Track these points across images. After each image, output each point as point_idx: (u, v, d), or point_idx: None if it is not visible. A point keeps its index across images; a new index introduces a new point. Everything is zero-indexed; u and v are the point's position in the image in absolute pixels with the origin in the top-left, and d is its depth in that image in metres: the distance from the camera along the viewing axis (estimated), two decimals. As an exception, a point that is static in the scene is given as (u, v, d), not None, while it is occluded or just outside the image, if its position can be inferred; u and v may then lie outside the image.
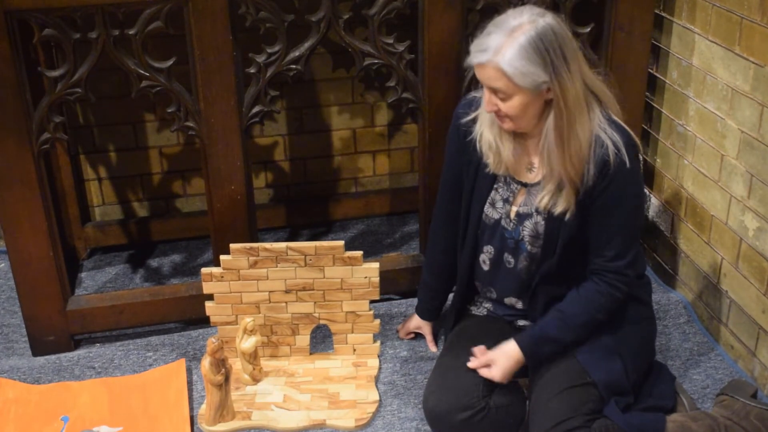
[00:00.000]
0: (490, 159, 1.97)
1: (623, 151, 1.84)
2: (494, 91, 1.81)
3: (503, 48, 1.75)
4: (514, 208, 1.98)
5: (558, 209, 1.90)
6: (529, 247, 1.98)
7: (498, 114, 1.86)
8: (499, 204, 2.01)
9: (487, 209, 2.02)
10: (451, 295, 2.34)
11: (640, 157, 1.92)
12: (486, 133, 1.96)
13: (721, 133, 2.31)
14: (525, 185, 1.97)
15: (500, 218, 2.01)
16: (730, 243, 2.32)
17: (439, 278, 2.28)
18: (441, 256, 2.23)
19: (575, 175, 1.84)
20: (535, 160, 1.95)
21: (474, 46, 1.81)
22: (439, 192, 2.18)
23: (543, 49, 1.75)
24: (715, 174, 2.36)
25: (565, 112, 1.80)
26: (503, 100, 1.81)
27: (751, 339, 2.26)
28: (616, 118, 1.90)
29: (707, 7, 2.31)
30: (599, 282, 1.94)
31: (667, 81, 2.56)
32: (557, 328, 1.96)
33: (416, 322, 2.41)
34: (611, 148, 1.83)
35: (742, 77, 2.19)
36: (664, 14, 2.52)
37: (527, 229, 1.97)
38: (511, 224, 1.99)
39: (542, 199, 1.92)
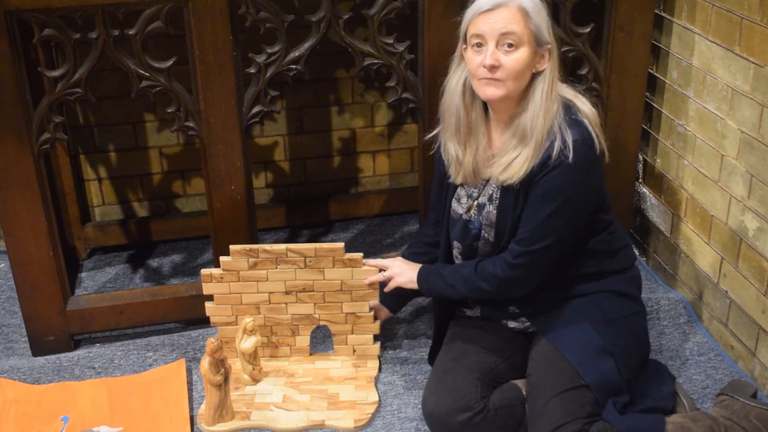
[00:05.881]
0: (451, 169, 2.01)
1: (570, 147, 1.84)
2: (501, 41, 1.80)
3: None
4: (476, 201, 2.02)
5: (505, 175, 1.89)
6: (486, 235, 2.01)
7: (493, 71, 1.82)
8: (464, 200, 2.04)
9: (454, 204, 2.06)
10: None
11: (594, 156, 1.89)
12: (449, 144, 1.99)
13: (721, 133, 2.31)
14: (489, 180, 1.99)
15: (462, 213, 2.04)
16: (730, 243, 2.31)
17: (428, 245, 2.27)
18: (431, 231, 2.24)
19: (541, 141, 1.86)
20: (497, 151, 1.95)
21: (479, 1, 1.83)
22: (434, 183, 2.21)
23: (547, 15, 1.85)
24: (715, 174, 2.36)
25: (554, 82, 1.87)
26: (509, 52, 1.81)
27: (751, 339, 2.26)
28: (581, 118, 1.89)
29: (707, 7, 2.31)
30: (496, 256, 1.99)
31: (667, 81, 2.56)
32: (450, 269, 2.06)
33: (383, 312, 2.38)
34: (558, 143, 1.85)
35: (742, 77, 2.19)
36: (664, 14, 2.52)
37: (483, 218, 2.00)
38: (473, 215, 2.02)
39: (498, 168, 1.91)
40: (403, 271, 2.17)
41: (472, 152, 1.96)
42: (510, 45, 1.81)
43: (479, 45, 1.83)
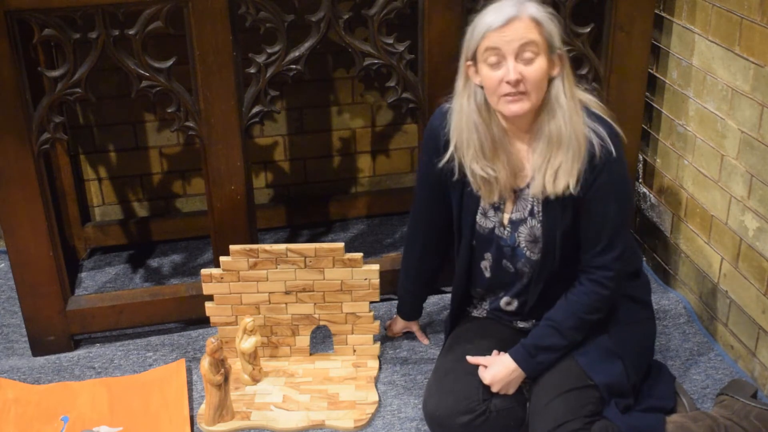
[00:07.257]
0: (481, 192, 1.93)
1: (608, 141, 1.84)
2: (520, 54, 1.76)
3: (526, 4, 1.78)
4: (506, 215, 1.96)
5: (560, 186, 1.84)
6: (527, 253, 1.96)
7: (517, 85, 1.78)
8: (491, 213, 1.98)
9: (480, 219, 2.00)
10: (435, 297, 2.36)
11: (624, 145, 1.90)
12: (476, 169, 1.89)
13: (721, 133, 2.31)
14: (514, 191, 1.94)
15: (494, 227, 1.98)
16: (730, 243, 2.31)
17: (417, 282, 2.28)
18: (418, 263, 2.22)
19: (583, 139, 1.82)
20: (526, 163, 1.91)
21: (488, 16, 1.78)
22: (415, 198, 2.13)
23: (557, 22, 1.82)
24: (715, 174, 2.36)
25: (571, 80, 1.85)
26: (529, 62, 1.77)
27: (751, 339, 2.26)
28: (596, 111, 1.89)
29: (707, 7, 2.31)
30: (585, 282, 1.93)
31: (667, 81, 2.56)
32: (549, 336, 1.95)
33: (402, 324, 2.41)
34: (596, 140, 1.83)
35: (742, 77, 2.19)
36: (664, 14, 2.52)
37: (523, 235, 1.95)
38: (506, 232, 1.97)
39: (544, 181, 1.86)
40: (493, 369, 1.99)
41: (503, 167, 1.89)
42: (529, 56, 1.77)
43: (496, 62, 1.78)
